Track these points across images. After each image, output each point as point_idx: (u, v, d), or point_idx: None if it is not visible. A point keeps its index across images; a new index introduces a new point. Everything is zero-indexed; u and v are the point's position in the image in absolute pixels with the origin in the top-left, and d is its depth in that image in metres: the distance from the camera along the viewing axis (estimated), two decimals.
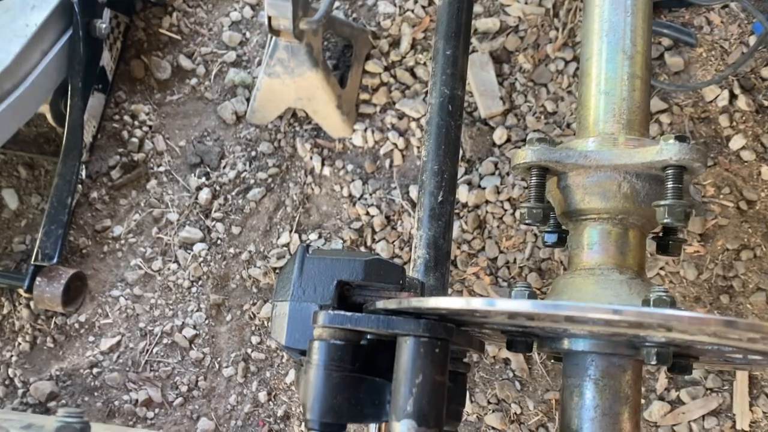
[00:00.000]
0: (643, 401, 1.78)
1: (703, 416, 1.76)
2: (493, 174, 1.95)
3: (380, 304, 0.74)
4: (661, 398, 1.78)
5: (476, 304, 0.64)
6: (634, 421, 0.81)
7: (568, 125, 1.97)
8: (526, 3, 2.06)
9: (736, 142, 1.93)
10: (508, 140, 1.97)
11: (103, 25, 1.89)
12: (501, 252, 1.90)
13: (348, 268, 0.77)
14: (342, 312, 0.73)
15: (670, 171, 0.93)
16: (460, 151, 1.96)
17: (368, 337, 0.78)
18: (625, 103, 1.01)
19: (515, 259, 1.89)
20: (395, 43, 2.07)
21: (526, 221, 0.93)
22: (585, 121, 1.03)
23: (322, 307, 0.77)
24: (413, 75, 2.04)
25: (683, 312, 0.64)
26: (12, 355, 1.94)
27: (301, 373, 0.74)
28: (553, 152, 0.94)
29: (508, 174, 1.94)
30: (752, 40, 2.00)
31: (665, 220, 0.91)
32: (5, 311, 1.97)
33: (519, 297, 0.80)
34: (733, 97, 1.97)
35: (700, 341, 0.74)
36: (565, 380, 0.86)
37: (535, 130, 1.96)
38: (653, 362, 0.80)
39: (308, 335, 0.75)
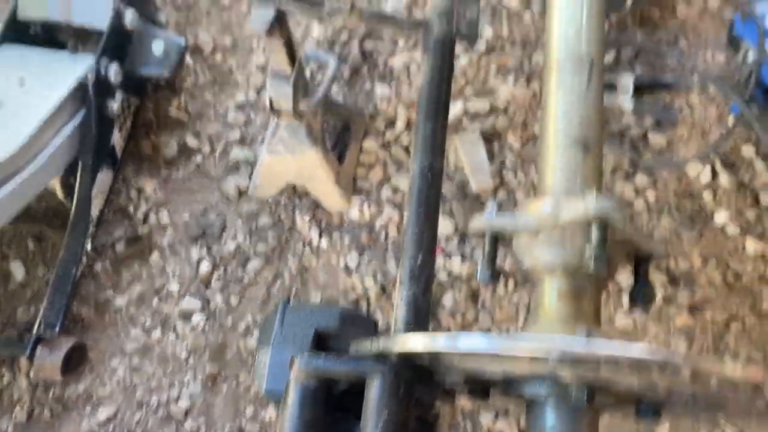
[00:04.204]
0: None
1: None
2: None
3: (353, 349, 0.78)
4: None
5: (440, 342, 0.69)
6: None
7: None
8: (514, 85, 2.18)
9: (720, 217, 1.99)
10: None
11: (115, 106, 2.00)
12: (494, 323, 1.93)
13: (325, 318, 0.82)
14: (316, 356, 0.78)
15: (595, 224, 1.01)
16: (453, 223, 2.03)
17: (342, 387, 0.82)
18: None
19: (508, 329, 1.92)
20: (391, 123, 2.18)
21: (480, 279, 1.09)
22: (540, 184, 1.14)
23: None
24: (408, 152, 2.14)
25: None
26: (8, 426, 1.95)
27: (278, 414, 0.78)
28: (500, 217, 1.09)
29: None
30: (731, 120, 2.10)
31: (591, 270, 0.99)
32: (6, 381, 2.00)
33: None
34: (714, 174, 2.04)
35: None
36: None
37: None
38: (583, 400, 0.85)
39: (287, 380, 0.79)
